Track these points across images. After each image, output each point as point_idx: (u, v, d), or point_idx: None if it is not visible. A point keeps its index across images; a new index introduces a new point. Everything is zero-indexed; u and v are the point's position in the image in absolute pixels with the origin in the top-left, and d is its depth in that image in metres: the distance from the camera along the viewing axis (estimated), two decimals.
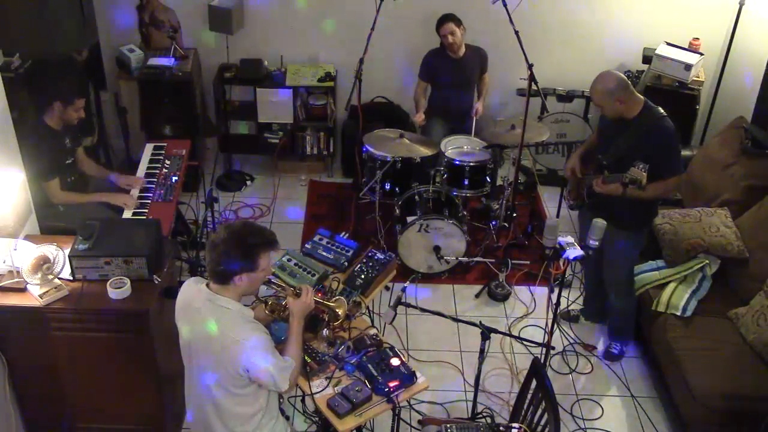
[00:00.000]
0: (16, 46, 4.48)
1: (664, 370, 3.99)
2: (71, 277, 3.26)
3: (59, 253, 3.21)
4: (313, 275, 3.43)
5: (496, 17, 4.60)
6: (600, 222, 3.32)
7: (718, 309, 4.03)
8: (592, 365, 4.29)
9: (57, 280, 3.21)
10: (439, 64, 5.15)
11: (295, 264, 3.50)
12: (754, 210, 4.31)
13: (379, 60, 5.27)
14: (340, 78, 5.67)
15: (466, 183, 4.82)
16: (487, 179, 4.87)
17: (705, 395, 3.56)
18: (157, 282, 3.27)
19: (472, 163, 4.78)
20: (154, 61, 5.25)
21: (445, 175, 4.83)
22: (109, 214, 4.13)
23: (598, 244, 3.35)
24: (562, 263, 3.29)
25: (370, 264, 3.52)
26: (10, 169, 3.49)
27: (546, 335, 3.61)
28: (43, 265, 3.17)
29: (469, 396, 4.01)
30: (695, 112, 5.41)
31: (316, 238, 3.72)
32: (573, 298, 4.60)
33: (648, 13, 5.52)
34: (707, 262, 4.18)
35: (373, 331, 3.26)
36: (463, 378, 4.14)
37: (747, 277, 4.09)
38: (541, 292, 4.74)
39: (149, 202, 4.17)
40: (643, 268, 4.29)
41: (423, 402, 3.92)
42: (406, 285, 3.52)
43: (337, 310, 3.05)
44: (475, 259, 4.85)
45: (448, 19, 4.97)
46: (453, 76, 5.16)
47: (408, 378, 3.01)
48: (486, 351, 3.26)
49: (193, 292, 2.78)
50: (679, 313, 3.98)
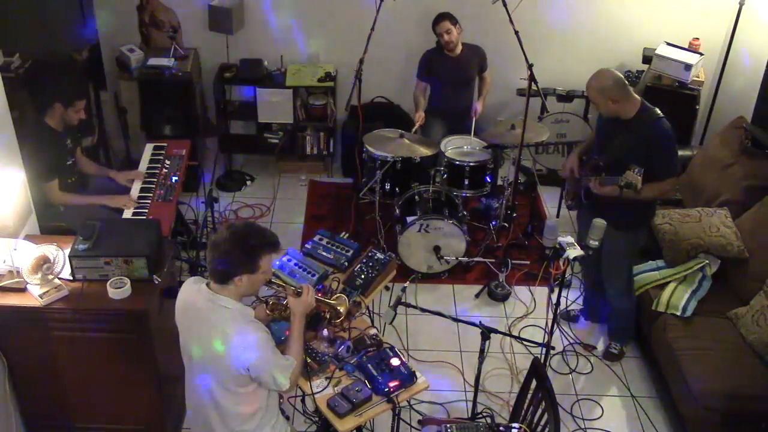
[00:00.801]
0: (16, 46, 4.47)
1: (664, 370, 3.98)
2: (71, 277, 3.25)
3: (59, 253, 3.21)
4: (313, 275, 3.43)
5: (496, 17, 4.60)
6: (600, 222, 3.32)
7: (718, 309, 4.02)
8: (592, 365, 4.29)
9: (57, 280, 3.21)
10: (437, 63, 5.15)
11: (295, 264, 3.50)
12: (754, 210, 4.31)
13: (379, 60, 5.26)
14: (340, 78, 5.68)
15: (466, 183, 4.82)
16: (487, 179, 4.87)
17: (705, 395, 3.56)
18: (157, 282, 3.26)
19: (472, 163, 4.78)
20: (154, 61, 5.25)
21: (445, 175, 4.83)
22: (110, 214, 4.13)
23: (598, 244, 3.35)
24: (562, 263, 3.30)
25: (370, 264, 3.52)
26: (10, 169, 3.49)
27: (546, 335, 3.60)
28: (43, 265, 3.17)
29: (469, 396, 4.01)
30: (695, 112, 5.41)
31: (316, 238, 3.71)
32: (573, 298, 4.60)
33: (648, 13, 5.52)
34: (707, 262, 4.18)
35: (373, 331, 3.27)
36: (463, 378, 4.14)
37: (747, 277, 4.09)
38: (541, 292, 4.74)
39: (149, 202, 4.18)
40: (643, 268, 4.30)
41: (423, 402, 3.92)
42: (406, 285, 3.52)
43: (338, 308, 3.05)
44: (475, 259, 4.85)
45: (443, 17, 5.00)
46: (451, 75, 5.16)
47: (408, 378, 3.01)
48: (486, 351, 3.25)
49: (193, 292, 2.78)
50: (679, 313, 3.98)
